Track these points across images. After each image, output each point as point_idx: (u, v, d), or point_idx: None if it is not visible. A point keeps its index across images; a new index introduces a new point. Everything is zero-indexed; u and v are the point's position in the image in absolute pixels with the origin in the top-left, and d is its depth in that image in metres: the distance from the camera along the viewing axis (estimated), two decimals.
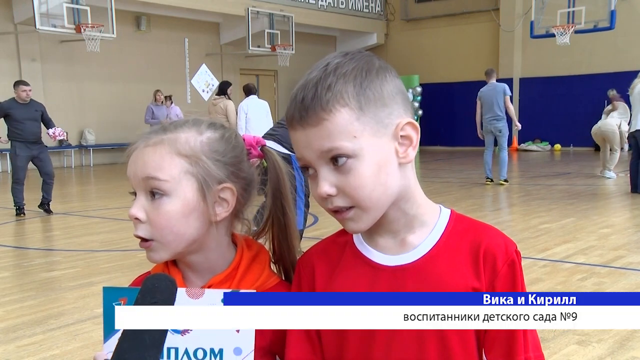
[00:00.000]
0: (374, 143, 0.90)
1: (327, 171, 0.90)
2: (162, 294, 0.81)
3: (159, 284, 0.82)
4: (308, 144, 0.90)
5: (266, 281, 1.06)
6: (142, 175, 1.00)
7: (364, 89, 0.90)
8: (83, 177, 13.34)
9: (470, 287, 0.93)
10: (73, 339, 3.38)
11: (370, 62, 0.92)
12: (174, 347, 0.91)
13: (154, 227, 1.00)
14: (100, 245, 5.90)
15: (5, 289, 4.40)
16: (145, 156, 1.01)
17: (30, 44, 14.08)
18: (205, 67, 12.12)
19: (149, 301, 0.80)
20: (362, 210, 0.91)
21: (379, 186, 0.90)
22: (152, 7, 15.23)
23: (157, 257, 1.03)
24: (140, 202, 1.01)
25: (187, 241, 1.03)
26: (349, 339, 0.96)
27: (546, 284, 4.25)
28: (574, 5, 14.63)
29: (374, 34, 20.90)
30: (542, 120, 18.50)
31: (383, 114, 0.91)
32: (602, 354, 3.05)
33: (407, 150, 0.93)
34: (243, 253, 1.06)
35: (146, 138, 1.03)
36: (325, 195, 0.90)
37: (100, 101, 15.45)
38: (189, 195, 1.01)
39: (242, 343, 0.89)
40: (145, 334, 0.77)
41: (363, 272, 0.98)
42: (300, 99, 0.90)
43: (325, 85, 0.89)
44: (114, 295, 0.93)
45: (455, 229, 0.98)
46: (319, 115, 0.88)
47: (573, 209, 7.46)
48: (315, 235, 5.78)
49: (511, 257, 0.94)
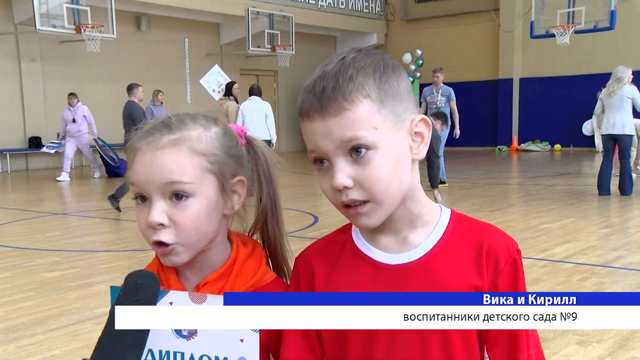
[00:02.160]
0: (393, 136, 0.91)
1: (344, 162, 0.89)
2: (145, 292, 0.80)
3: (142, 281, 0.81)
4: (327, 133, 0.89)
5: (262, 277, 1.05)
6: (162, 181, 0.97)
7: (383, 83, 0.90)
8: (83, 177, 13.34)
9: (472, 285, 0.93)
10: (73, 339, 3.38)
11: (385, 59, 0.94)
12: (180, 352, 0.91)
13: (180, 230, 0.98)
14: (100, 246, 5.90)
15: (6, 289, 4.40)
16: (161, 160, 0.97)
17: (30, 44, 14.08)
18: (217, 67, 12.14)
19: (131, 299, 0.79)
20: (376, 204, 0.91)
21: (395, 180, 0.91)
22: (152, 7, 15.22)
23: (179, 260, 1.00)
24: (159, 207, 0.97)
25: (208, 240, 1.02)
26: (350, 338, 0.96)
27: (546, 284, 4.25)
28: (574, 5, 14.63)
29: (374, 34, 20.90)
30: (542, 120, 18.51)
31: (400, 109, 0.92)
32: (602, 354, 3.04)
33: (419, 147, 0.94)
34: (239, 249, 1.06)
35: (150, 139, 0.99)
36: (341, 186, 0.89)
37: (100, 101, 15.44)
38: (211, 193, 1.00)
39: (246, 353, 0.89)
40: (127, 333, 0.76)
41: (365, 270, 0.98)
42: (320, 89, 0.89)
43: (346, 77, 0.89)
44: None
45: (456, 228, 0.98)
46: (341, 104, 0.88)
47: (573, 209, 7.45)
48: (315, 236, 5.78)
49: (513, 256, 0.95)
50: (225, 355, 0.89)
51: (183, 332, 0.90)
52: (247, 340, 0.88)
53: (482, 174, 12.16)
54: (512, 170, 13.89)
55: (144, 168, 0.98)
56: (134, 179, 0.99)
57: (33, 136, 14.23)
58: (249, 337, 0.88)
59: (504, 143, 19.01)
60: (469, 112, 19.96)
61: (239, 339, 0.88)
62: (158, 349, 0.90)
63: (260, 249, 1.10)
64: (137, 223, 1.02)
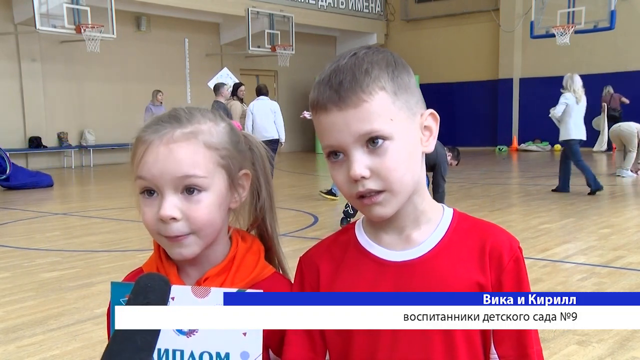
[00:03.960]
0: (407, 127, 0.93)
1: (361, 154, 0.91)
2: (155, 294, 0.80)
3: (152, 283, 0.81)
4: (345, 125, 0.91)
5: (261, 272, 1.06)
6: (177, 175, 0.96)
7: (396, 77, 0.93)
8: (83, 177, 13.34)
9: (475, 282, 0.94)
10: (73, 340, 3.38)
11: (394, 55, 0.96)
12: (179, 350, 0.90)
13: (194, 224, 0.98)
14: (100, 246, 5.90)
15: (6, 289, 4.40)
16: (176, 154, 0.97)
17: (30, 44, 14.08)
18: (226, 69, 12.18)
19: (141, 301, 0.79)
20: (392, 194, 0.93)
21: (409, 171, 0.93)
22: (152, 7, 15.22)
23: (189, 252, 1.01)
24: (171, 201, 0.97)
25: (217, 232, 1.03)
26: (354, 338, 0.97)
27: (546, 284, 4.25)
28: (574, 5, 14.63)
29: (374, 34, 20.90)
30: (542, 120, 18.43)
31: (412, 102, 0.95)
32: (602, 354, 3.04)
33: (428, 139, 0.97)
34: (238, 244, 1.06)
35: (163, 133, 0.98)
36: (359, 176, 0.91)
37: (100, 101, 15.44)
38: (221, 187, 1.01)
39: (249, 347, 0.88)
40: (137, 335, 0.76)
41: (368, 268, 0.99)
42: (337, 82, 0.91)
43: (362, 70, 0.91)
44: (121, 290, 0.92)
45: (459, 227, 0.99)
46: (360, 97, 0.90)
47: (573, 209, 7.46)
48: (315, 236, 5.78)
49: (516, 253, 0.97)
50: (227, 351, 0.89)
51: (183, 329, 0.90)
52: (250, 334, 0.88)
53: (482, 174, 12.16)
54: (512, 170, 13.89)
55: (159, 162, 0.97)
56: (145, 172, 0.98)
57: (33, 136, 14.23)
58: (253, 330, 0.88)
59: (504, 143, 19.00)
60: (469, 112, 20.00)
61: (241, 333, 0.88)
62: (157, 348, 0.89)
63: (258, 244, 1.10)
64: (143, 217, 1.01)
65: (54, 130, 14.67)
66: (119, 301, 0.91)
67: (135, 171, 1.00)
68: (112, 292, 0.92)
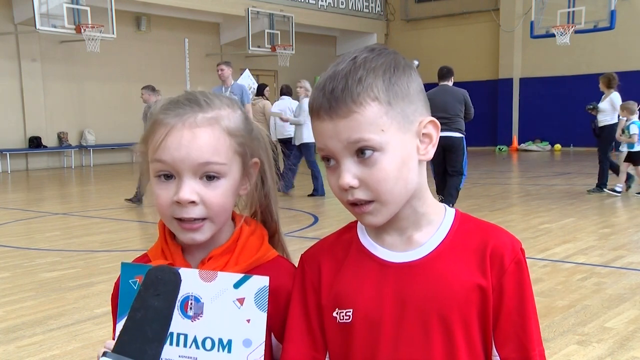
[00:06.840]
0: (400, 138, 0.91)
1: (350, 163, 0.91)
2: (165, 286, 0.80)
3: (162, 275, 0.81)
4: (335, 134, 0.90)
5: (265, 254, 1.06)
6: (199, 161, 0.96)
7: (392, 85, 0.91)
8: (83, 177, 13.34)
9: (475, 284, 0.93)
10: (73, 339, 3.38)
11: (397, 59, 0.94)
12: (183, 334, 0.90)
13: (210, 209, 0.99)
14: (100, 246, 5.90)
15: (6, 289, 4.40)
16: (200, 139, 0.97)
17: (30, 44, 14.09)
18: (248, 71, 12.29)
19: (152, 293, 0.79)
20: (381, 204, 0.92)
21: (400, 181, 0.92)
22: (152, 7, 15.23)
23: (202, 237, 1.01)
24: (190, 186, 0.97)
25: (229, 217, 1.05)
26: (355, 335, 0.97)
27: (546, 284, 4.25)
28: (574, 5, 14.63)
29: (374, 34, 20.90)
30: (542, 120, 18.50)
31: (409, 110, 0.93)
32: (602, 354, 3.04)
33: (427, 148, 0.95)
34: (242, 227, 1.07)
35: (185, 117, 0.98)
36: (347, 186, 0.91)
37: (100, 101, 15.45)
38: (237, 174, 1.02)
39: (252, 334, 0.88)
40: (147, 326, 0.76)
41: (369, 268, 0.98)
42: (329, 90, 0.90)
43: (355, 78, 0.90)
44: (131, 272, 0.93)
45: (461, 228, 0.99)
46: (350, 107, 0.89)
47: (573, 209, 7.46)
48: (315, 236, 5.78)
49: (517, 256, 0.96)
50: (230, 337, 0.89)
51: (189, 312, 0.89)
52: (254, 320, 0.88)
53: (482, 173, 12.17)
54: (512, 170, 13.89)
55: (182, 147, 0.96)
56: (167, 156, 0.97)
57: (33, 136, 14.23)
58: (257, 317, 0.88)
59: (504, 143, 19.01)
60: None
61: (245, 320, 0.88)
62: None
63: (262, 228, 1.11)
64: (157, 199, 1.00)
65: (54, 130, 14.68)
66: (128, 282, 0.92)
67: (152, 154, 0.99)
68: (122, 272, 0.93)
